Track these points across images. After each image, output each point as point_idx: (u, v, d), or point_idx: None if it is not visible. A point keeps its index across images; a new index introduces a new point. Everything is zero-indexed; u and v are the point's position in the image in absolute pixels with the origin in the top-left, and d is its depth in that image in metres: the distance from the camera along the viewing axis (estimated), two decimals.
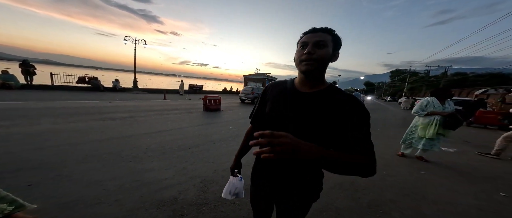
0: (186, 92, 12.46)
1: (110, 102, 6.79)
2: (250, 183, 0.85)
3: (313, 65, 0.60)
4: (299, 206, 0.72)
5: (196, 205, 1.62)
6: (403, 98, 19.13)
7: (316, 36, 0.60)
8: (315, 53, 0.60)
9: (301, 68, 0.63)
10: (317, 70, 0.62)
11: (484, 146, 4.43)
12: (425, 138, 2.87)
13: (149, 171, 2.14)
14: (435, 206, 1.86)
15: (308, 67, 0.61)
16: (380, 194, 2.00)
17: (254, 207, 0.86)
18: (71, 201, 1.53)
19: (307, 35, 0.62)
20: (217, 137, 3.65)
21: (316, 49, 0.60)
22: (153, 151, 2.71)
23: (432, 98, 2.88)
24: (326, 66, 0.63)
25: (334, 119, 0.60)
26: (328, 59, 0.62)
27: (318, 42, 0.59)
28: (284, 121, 0.67)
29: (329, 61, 0.63)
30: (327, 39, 0.60)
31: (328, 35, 0.61)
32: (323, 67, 0.63)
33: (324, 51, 0.60)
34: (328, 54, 0.61)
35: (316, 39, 0.60)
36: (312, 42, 0.60)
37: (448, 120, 2.69)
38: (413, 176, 2.53)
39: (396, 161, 3.04)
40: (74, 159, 2.25)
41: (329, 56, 0.62)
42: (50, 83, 9.30)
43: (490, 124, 7.69)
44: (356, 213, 1.66)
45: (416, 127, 3.02)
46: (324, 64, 0.62)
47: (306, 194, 0.71)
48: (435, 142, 2.86)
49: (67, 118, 4.09)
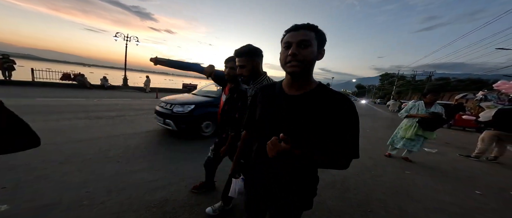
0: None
1: (97, 100, 6.48)
2: (244, 186, 0.85)
3: (299, 67, 0.58)
4: (291, 213, 0.71)
5: (188, 206, 1.58)
6: (391, 101, 20.02)
7: (299, 35, 0.56)
8: (299, 54, 0.56)
9: (287, 69, 0.60)
10: (304, 71, 0.60)
11: (463, 148, 4.74)
12: (405, 138, 3.06)
13: (138, 172, 2.06)
14: (418, 204, 1.96)
15: (294, 68, 0.58)
16: (368, 194, 2.07)
17: (247, 210, 0.86)
18: (49, 204, 1.43)
19: (290, 33, 0.58)
20: (210, 138, 3.60)
21: (300, 49, 0.57)
22: (142, 152, 2.61)
23: (419, 102, 3.07)
24: (312, 65, 0.61)
25: (324, 119, 0.59)
26: (313, 58, 0.59)
27: (301, 41, 0.56)
28: (274, 126, 0.66)
29: (315, 60, 0.60)
30: (310, 37, 0.57)
31: (312, 32, 0.57)
32: (310, 67, 0.60)
33: (308, 51, 0.57)
34: (313, 54, 0.58)
35: (299, 38, 0.56)
36: (295, 42, 0.57)
37: (423, 122, 2.89)
38: (399, 176, 2.65)
39: (384, 161, 3.17)
40: (54, 160, 2.11)
41: (315, 55, 0.59)
42: (30, 79, 8.70)
43: (468, 127, 8.26)
44: (347, 212, 1.71)
45: (400, 128, 3.21)
46: (310, 64, 0.59)
47: (299, 201, 0.70)
48: (414, 143, 3.03)
49: (48, 116, 3.84)
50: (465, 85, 32.00)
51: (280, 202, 0.70)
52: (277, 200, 0.71)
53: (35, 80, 8.86)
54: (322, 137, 0.61)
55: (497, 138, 3.63)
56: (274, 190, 0.70)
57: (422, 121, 2.89)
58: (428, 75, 30.46)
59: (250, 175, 0.80)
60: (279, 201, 0.71)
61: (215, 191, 1.82)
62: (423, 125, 2.90)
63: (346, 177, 2.41)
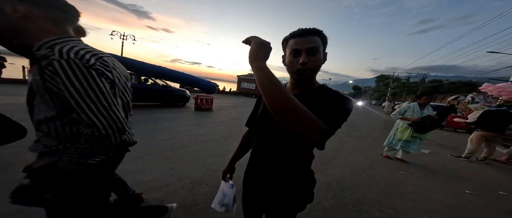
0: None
1: None
2: (242, 186, 0.85)
3: (309, 75, 0.59)
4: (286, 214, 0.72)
5: (184, 207, 1.57)
6: (386, 102, 20.43)
7: (308, 43, 0.56)
8: (309, 62, 0.57)
9: (296, 76, 0.61)
10: (313, 78, 0.63)
11: (454, 148, 4.88)
12: (402, 140, 3.13)
13: (132, 172, 2.03)
14: (411, 203, 2.01)
15: (304, 77, 0.60)
16: (363, 194, 2.10)
17: (245, 210, 0.86)
18: None
19: (296, 39, 0.58)
20: (208, 138, 3.58)
21: (310, 57, 0.57)
22: (138, 152, 2.57)
23: (413, 104, 3.13)
24: (319, 70, 0.63)
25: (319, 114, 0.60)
26: (321, 64, 0.61)
27: (310, 49, 0.57)
28: (274, 122, 0.66)
29: (322, 64, 0.62)
30: (318, 44, 0.57)
31: (318, 37, 0.58)
32: (317, 72, 0.63)
33: (317, 58, 0.58)
34: (321, 59, 0.59)
35: (309, 46, 0.56)
36: (305, 49, 0.57)
37: (416, 125, 2.97)
38: (393, 176, 2.70)
39: (378, 161, 3.23)
40: None
41: (322, 61, 0.61)
42: (22, 77, 8.46)
43: (459, 128, 8.51)
44: (342, 212, 1.74)
45: (397, 130, 3.26)
46: (318, 70, 0.61)
47: (295, 202, 0.70)
48: (410, 144, 3.11)
49: None
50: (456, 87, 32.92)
51: (275, 203, 0.71)
52: (272, 200, 0.71)
53: (26, 77, 8.62)
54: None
55: (485, 139, 3.76)
56: (269, 191, 0.71)
57: (415, 124, 2.96)
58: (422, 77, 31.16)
59: (247, 174, 0.81)
60: (274, 202, 0.71)
61: (216, 192, 1.81)
62: (417, 128, 2.97)
63: (342, 177, 2.45)
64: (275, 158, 0.68)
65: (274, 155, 0.68)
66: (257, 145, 0.74)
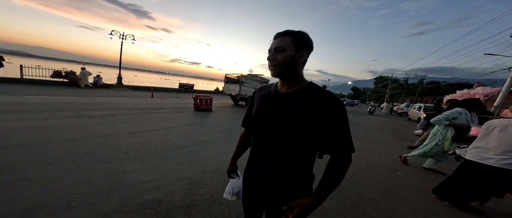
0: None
1: (88, 99, 6.31)
2: (242, 184, 0.86)
3: (276, 70, 0.66)
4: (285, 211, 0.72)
5: (182, 207, 1.56)
6: (385, 104, 20.51)
7: (276, 42, 0.65)
8: (275, 58, 0.65)
9: (270, 72, 0.69)
10: (284, 73, 0.66)
11: None
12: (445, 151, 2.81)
13: (130, 172, 2.02)
14: (408, 204, 2.01)
15: (273, 71, 0.67)
16: (362, 195, 2.11)
17: (245, 207, 0.87)
18: (34, 207, 1.37)
19: (272, 41, 0.67)
20: (207, 138, 3.57)
21: (277, 55, 0.64)
22: (136, 152, 2.56)
23: (463, 110, 2.65)
24: (292, 67, 0.65)
25: (312, 114, 0.62)
26: (290, 61, 0.64)
27: (277, 48, 0.64)
28: (268, 120, 0.69)
29: (294, 62, 0.64)
30: (286, 43, 0.63)
31: (289, 38, 0.63)
32: (290, 69, 0.65)
33: (283, 56, 0.63)
34: (288, 57, 0.63)
35: (276, 45, 0.64)
36: (273, 48, 0.65)
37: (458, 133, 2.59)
38: (391, 177, 2.72)
39: (377, 163, 3.24)
40: (41, 160, 2.04)
41: (291, 58, 0.63)
42: (19, 76, 8.36)
43: None
44: (340, 213, 1.74)
45: (442, 141, 2.83)
46: (288, 66, 0.64)
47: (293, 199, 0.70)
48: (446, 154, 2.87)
49: (36, 115, 3.70)
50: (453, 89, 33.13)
51: (274, 200, 0.72)
52: (272, 197, 0.72)
53: (24, 77, 8.54)
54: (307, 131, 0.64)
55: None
56: (269, 188, 0.72)
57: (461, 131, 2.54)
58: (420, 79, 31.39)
59: (246, 171, 0.81)
60: (273, 199, 0.72)
61: (214, 192, 1.80)
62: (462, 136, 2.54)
63: None
64: (272, 156, 0.69)
65: (271, 153, 0.69)
66: (254, 144, 0.75)
